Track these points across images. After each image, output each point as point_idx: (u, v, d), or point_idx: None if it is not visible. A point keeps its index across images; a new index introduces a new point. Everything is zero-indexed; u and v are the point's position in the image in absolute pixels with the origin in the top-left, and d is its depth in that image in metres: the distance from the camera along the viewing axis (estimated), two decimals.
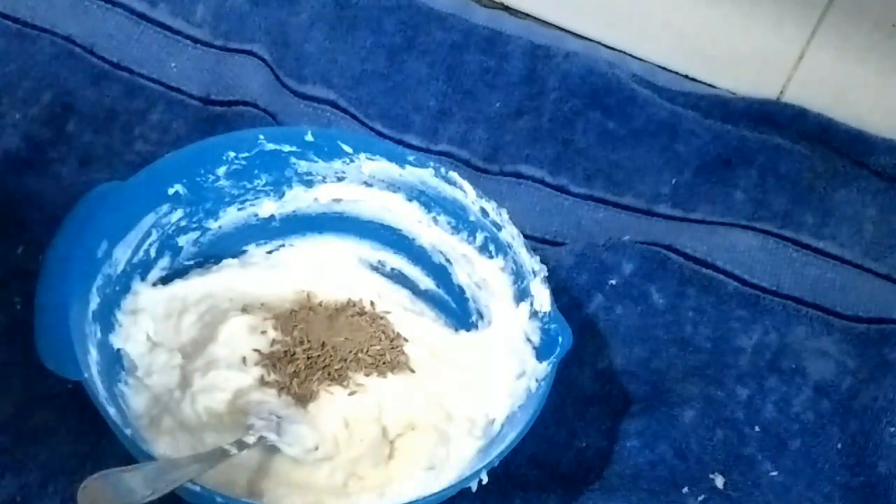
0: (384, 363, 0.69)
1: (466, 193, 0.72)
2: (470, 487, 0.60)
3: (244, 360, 0.67)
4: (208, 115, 0.84)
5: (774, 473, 0.72)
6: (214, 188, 0.71)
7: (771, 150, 0.87)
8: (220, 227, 0.73)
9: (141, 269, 0.69)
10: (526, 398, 0.65)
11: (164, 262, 0.71)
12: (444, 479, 0.63)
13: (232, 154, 0.71)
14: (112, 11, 0.87)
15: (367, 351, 0.69)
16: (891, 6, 0.85)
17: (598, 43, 0.94)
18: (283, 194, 0.74)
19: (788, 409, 0.75)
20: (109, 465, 0.54)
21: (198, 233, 0.72)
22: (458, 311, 0.75)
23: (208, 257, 0.74)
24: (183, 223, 0.71)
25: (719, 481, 0.71)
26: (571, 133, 0.88)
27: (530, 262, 0.69)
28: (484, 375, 0.70)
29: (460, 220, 0.73)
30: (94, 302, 0.63)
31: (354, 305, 0.73)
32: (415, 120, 0.88)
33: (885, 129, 0.89)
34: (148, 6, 0.87)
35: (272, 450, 0.63)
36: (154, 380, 0.65)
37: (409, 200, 0.74)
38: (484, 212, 0.72)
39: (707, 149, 0.87)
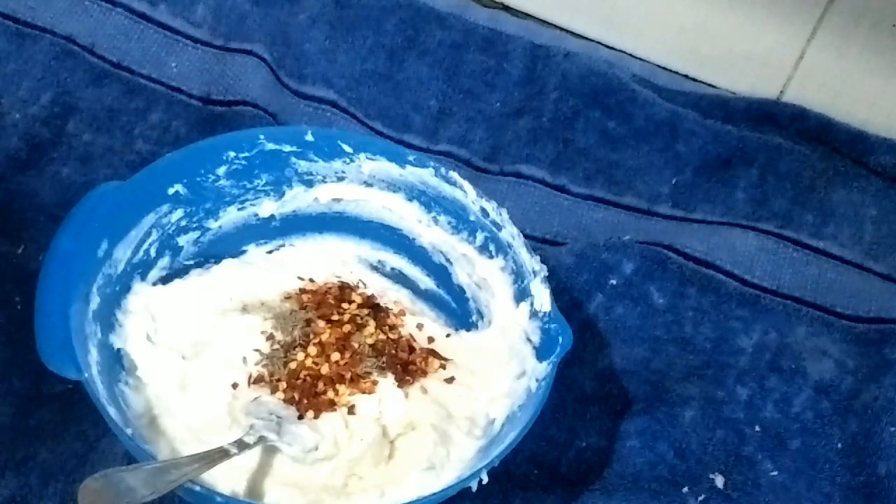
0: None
1: (466, 193, 0.72)
2: (470, 487, 0.59)
3: (244, 359, 0.67)
4: (208, 115, 0.84)
5: (774, 473, 0.72)
6: (214, 188, 0.71)
7: (771, 150, 0.87)
8: (220, 226, 0.73)
9: (141, 268, 0.69)
10: (526, 398, 0.65)
11: (164, 261, 0.71)
12: (444, 479, 0.63)
13: (232, 154, 0.71)
14: (112, 11, 0.87)
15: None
16: (891, 6, 0.85)
17: (598, 43, 0.94)
18: (283, 194, 0.74)
19: (788, 409, 0.75)
20: (109, 465, 0.54)
21: (198, 233, 0.72)
22: (458, 311, 0.75)
23: (208, 257, 0.74)
24: (183, 223, 0.71)
25: (719, 481, 0.71)
26: (571, 133, 0.88)
27: (530, 262, 0.69)
28: (484, 375, 0.70)
29: (460, 219, 0.73)
30: (94, 302, 0.63)
31: None
32: (415, 120, 0.87)
33: (885, 129, 0.89)
34: (148, 6, 0.87)
35: (272, 450, 0.63)
36: (154, 380, 0.65)
37: (410, 200, 0.74)
38: (484, 212, 0.72)
39: (707, 149, 0.87)
